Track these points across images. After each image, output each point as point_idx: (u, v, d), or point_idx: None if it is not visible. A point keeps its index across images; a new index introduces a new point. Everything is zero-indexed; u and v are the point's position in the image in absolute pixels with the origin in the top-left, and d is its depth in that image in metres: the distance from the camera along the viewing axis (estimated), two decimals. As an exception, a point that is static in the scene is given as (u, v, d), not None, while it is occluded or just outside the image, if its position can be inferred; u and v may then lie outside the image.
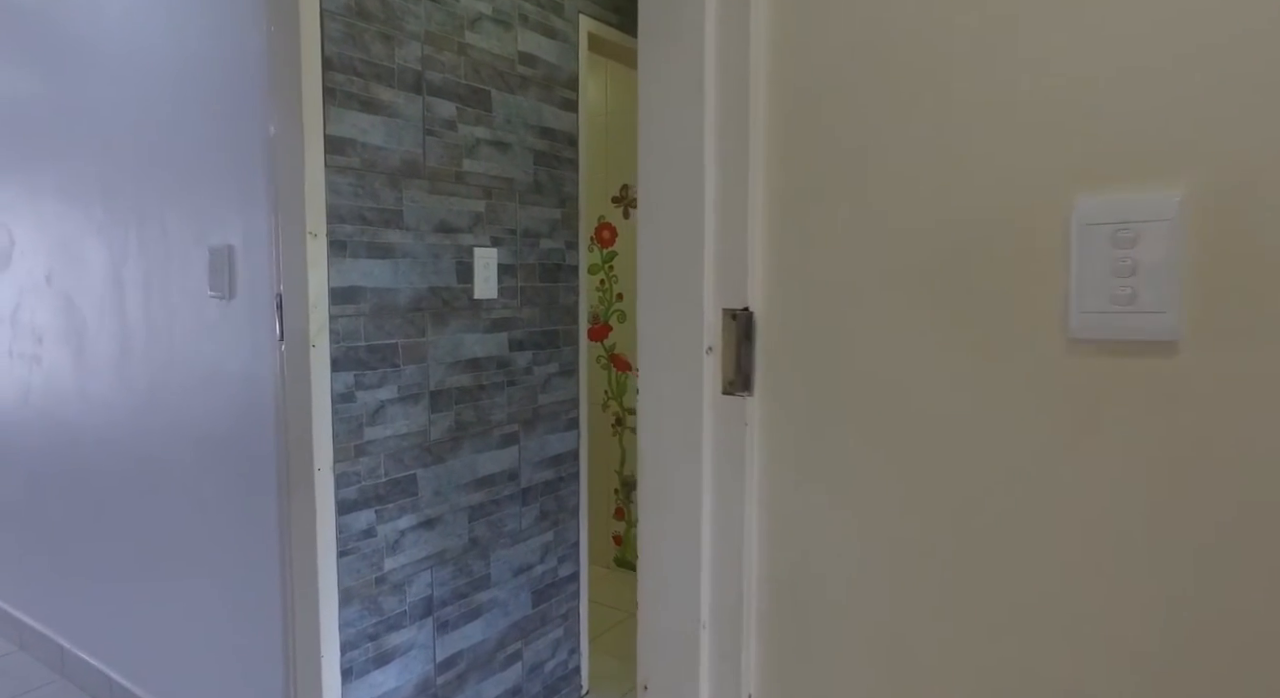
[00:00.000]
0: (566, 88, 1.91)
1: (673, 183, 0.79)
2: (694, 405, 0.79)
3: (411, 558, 1.60)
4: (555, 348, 1.93)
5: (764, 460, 0.77)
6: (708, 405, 0.78)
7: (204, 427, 1.67)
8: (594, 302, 3.08)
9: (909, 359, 0.67)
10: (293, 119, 1.34)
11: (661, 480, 0.82)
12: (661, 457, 0.81)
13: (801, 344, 0.73)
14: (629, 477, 3.05)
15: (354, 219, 1.43)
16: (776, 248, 0.75)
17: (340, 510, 1.45)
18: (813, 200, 0.72)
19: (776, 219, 0.74)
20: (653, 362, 0.81)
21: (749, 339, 0.76)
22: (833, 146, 0.70)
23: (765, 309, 0.76)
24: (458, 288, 1.65)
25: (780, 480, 0.76)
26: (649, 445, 0.82)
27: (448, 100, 1.60)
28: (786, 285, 0.74)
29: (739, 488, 0.77)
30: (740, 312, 0.76)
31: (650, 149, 0.81)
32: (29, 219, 2.18)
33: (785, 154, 0.74)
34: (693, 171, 0.77)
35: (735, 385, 0.77)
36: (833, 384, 0.71)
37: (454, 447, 1.67)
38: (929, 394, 0.66)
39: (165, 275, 1.72)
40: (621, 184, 2.99)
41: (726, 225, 0.76)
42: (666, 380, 0.80)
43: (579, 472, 2.04)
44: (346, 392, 1.44)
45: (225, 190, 1.55)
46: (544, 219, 1.86)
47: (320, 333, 1.38)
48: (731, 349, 0.77)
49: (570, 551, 2.04)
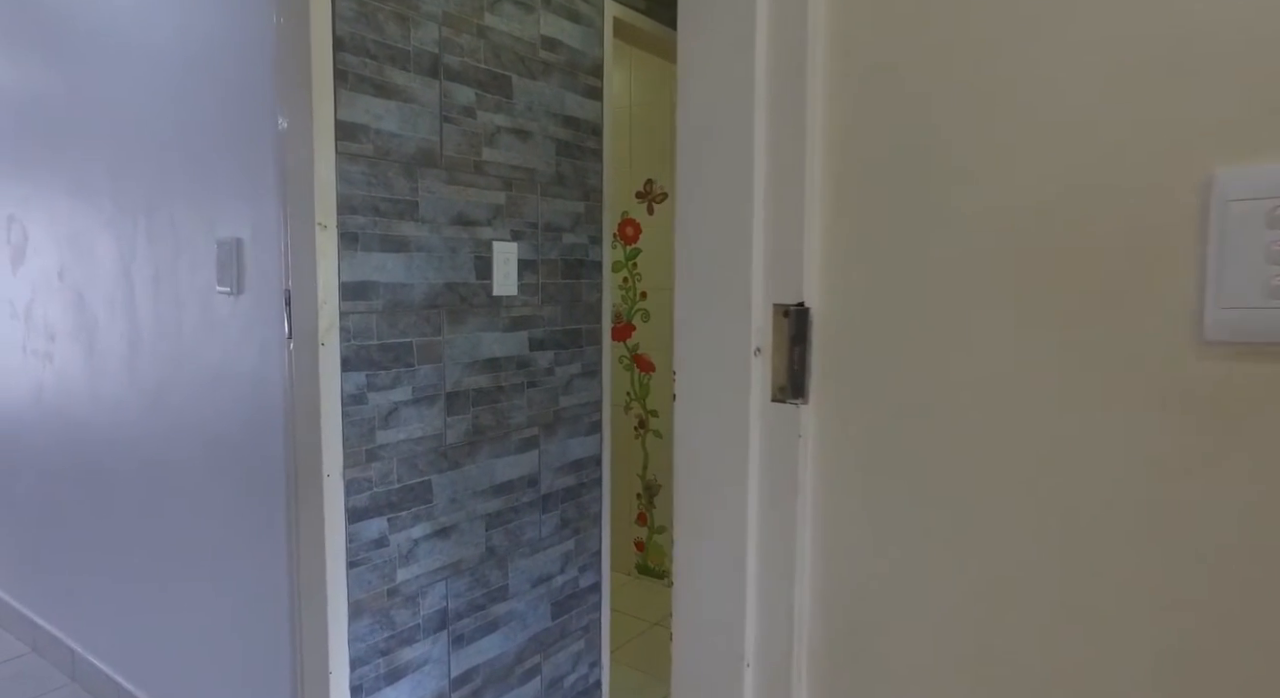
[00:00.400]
0: (591, 75, 1.82)
1: (716, 158, 0.69)
2: (739, 415, 0.69)
3: (426, 568, 1.51)
4: (578, 348, 1.84)
5: (821, 478, 0.67)
6: (755, 415, 0.69)
7: (212, 428, 1.60)
8: (617, 300, 2.99)
9: (1003, 364, 0.57)
10: (301, 102, 1.26)
11: (701, 500, 0.72)
12: (701, 473, 0.72)
13: (869, 345, 0.63)
14: (652, 481, 2.96)
15: (366, 210, 1.35)
16: (839, 234, 0.65)
17: (350, 519, 1.37)
18: (884, 178, 0.62)
19: (839, 200, 0.65)
20: (691, 365, 0.72)
21: (803, 339, 0.67)
22: (910, 112, 0.60)
23: (824, 305, 0.66)
24: (476, 284, 1.56)
25: (841, 501, 0.66)
26: (686, 461, 0.72)
27: (466, 86, 1.52)
28: (851, 278, 0.64)
29: (790, 509, 0.67)
30: (794, 308, 0.66)
31: (690, 118, 0.71)
32: (42, 214, 2.13)
33: (851, 122, 0.64)
34: (739, 144, 0.67)
35: (787, 392, 0.67)
36: (908, 392, 0.61)
37: (471, 451, 1.59)
38: (1028, 405, 0.55)
39: (174, 270, 1.66)
40: (646, 179, 2.89)
41: (779, 208, 0.66)
42: (707, 386, 0.71)
43: (601, 477, 1.95)
44: (358, 393, 1.36)
45: (234, 180, 1.48)
46: (567, 212, 1.77)
47: (330, 330, 1.31)
48: (783, 351, 0.67)
49: (592, 560, 1.95)
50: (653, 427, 2.93)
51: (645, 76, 2.88)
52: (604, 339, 1.93)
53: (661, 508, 2.95)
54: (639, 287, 2.94)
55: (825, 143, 0.65)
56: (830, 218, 0.65)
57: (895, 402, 0.62)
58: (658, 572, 2.96)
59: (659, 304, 2.89)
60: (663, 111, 2.84)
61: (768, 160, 0.67)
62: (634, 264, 2.94)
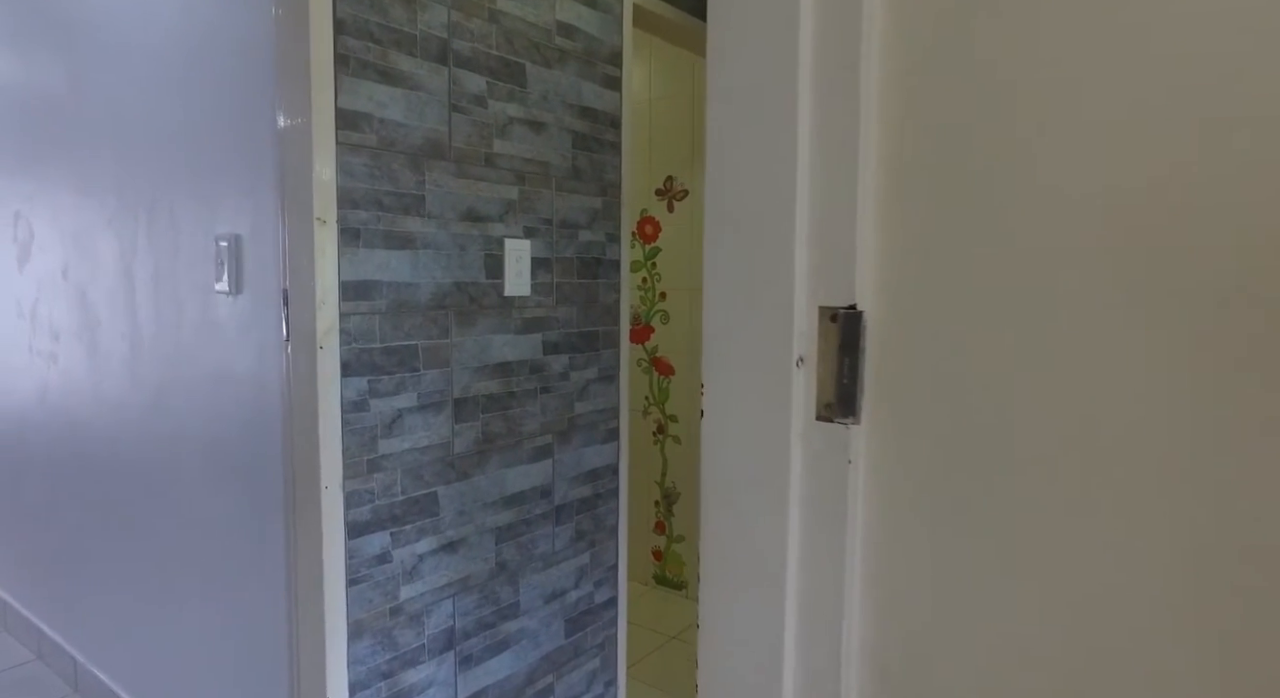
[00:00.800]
0: (609, 64, 1.73)
1: (751, 138, 0.59)
2: (777, 436, 0.59)
3: (431, 585, 1.43)
4: (594, 351, 1.75)
5: (874, 511, 0.57)
6: (796, 436, 0.59)
7: (211, 433, 1.52)
8: (635, 301, 2.90)
9: (1115, 379, 0.46)
10: (299, 89, 1.17)
11: (732, 535, 0.62)
12: (732, 503, 0.62)
13: (935, 355, 0.53)
14: (670, 488, 2.86)
15: (369, 204, 1.27)
16: (899, 223, 0.55)
17: (351, 533, 1.28)
18: (958, 151, 0.52)
19: (900, 182, 0.54)
20: (721, 377, 0.62)
21: (855, 348, 0.57)
22: (990, 67, 0.50)
23: (880, 308, 0.56)
24: (486, 283, 1.48)
25: (898, 540, 0.56)
26: (715, 488, 0.63)
27: (477, 73, 1.43)
28: (912, 275, 0.54)
29: (837, 547, 0.58)
30: (844, 311, 0.56)
31: (721, 93, 0.61)
32: (47, 210, 2.08)
33: (915, 84, 0.54)
34: (779, 120, 0.57)
35: (835, 409, 0.57)
36: (984, 410, 0.51)
37: (480, 461, 1.50)
38: (1152, 429, 0.45)
39: (173, 268, 1.59)
40: (666, 176, 2.80)
41: (827, 193, 0.57)
42: (740, 402, 0.61)
43: (619, 487, 1.86)
44: (359, 399, 1.28)
45: (234, 174, 1.40)
46: (583, 209, 1.68)
47: (329, 333, 1.22)
48: (830, 361, 0.58)
49: (608, 574, 1.86)
50: (672, 432, 2.83)
51: (666, 69, 2.78)
52: (622, 342, 1.83)
53: (680, 516, 2.85)
54: (658, 287, 2.84)
55: (882, 112, 0.55)
56: (889, 204, 0.55)
57: (967, 422, 0.52)
58: (676, 582, 2.86)
59: (679, 305, 2.79)
60: (684, 106, 2.74)
61: (813, 137, 0.57)
62: (653, 264, 2.85)
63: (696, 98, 2.71)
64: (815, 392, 0.58)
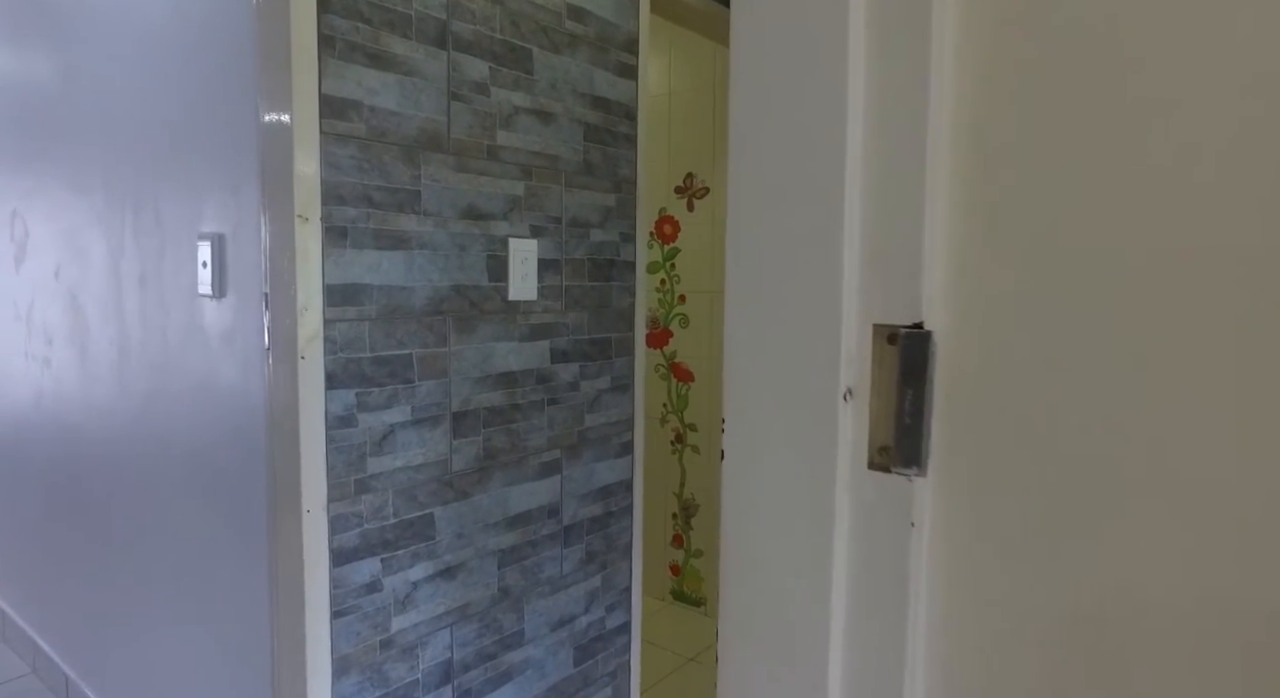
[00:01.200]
0: (624, 50, 1.61)
1: (786, 100, 0.47)
2: (818, 488, 0.47)
3: (427, 615, 1.31)
4: (606, 359, 1.62)
5: (945, 589, 0.44)
6: (843, 488, 0.46)
7: (195, 447, 1.42)
8: (653, 304, 2.77)
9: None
10: (279, 73, 1.07)
11: (757, 611, 0.50)
12: (758, 571, 0.49)
13: (1032, 391, 0.40)
14: (689, 500, 2.73)
15: (357, 201, 1.16)
16: (983, 216, 0.42)
17: (336, 561, 1.17)
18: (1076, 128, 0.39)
19: (985, 164, 0.42)
20: (746, 412, 0.50)
21: (919, 377, 0.44)
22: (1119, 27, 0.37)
23: (955, 326, 0.43)
24: (488, 287, 1.36)
25: (975, 626, 0.43)
26: (737, 552, 0.50)
27: (479, 58, 1.31)
28: (1004, 285, 0.41)
29: (895, 636, 0.45)
30: (906, 331, 0.44)
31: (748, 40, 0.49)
32: (41, 209, 2.00)
33: (1010, 41, 0.41)
34: (824, 78, 0.45)
35: (893, 456, 0.45)
36: (1102, 468, 0.38)
37: (481, 479, 1.38)
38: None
39: (159, 269, 1.49)
40: (686, 173, 2.67)
41: (885, 176, 0.44)
42: (770, 444, 0.49)
43: (633, 505, 1.74)
44: (345, 414, 1.17)
45: (219, 168, 1.30)
46: (595, 206, 1.56)
47: (312, 342, 1.11)
48: (887, 394, 0.45)
49: (621, 597, 1.74)
50: (691, 442, 2.70)
51: (687, 60, 2.66)
52: (637, 349, 1.71)
53: (699, 530, 2.72)
54: (677, 290, 2.71)
55: (960, 72, 0.42)
56: (968, 191, 0.42)
57: (1075, 481, 0.39)
58: (694, 599, 2.74)
59: (699, 309, 2.66)
60: (706, 99, 2.62)
61: (867, 103, 0.44)
62: (672, 265, 2.72)
63: (719, 90, 2.58)
64: (867, 432, 0.46)
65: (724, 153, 2.72)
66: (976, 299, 0.42)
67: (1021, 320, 0.41)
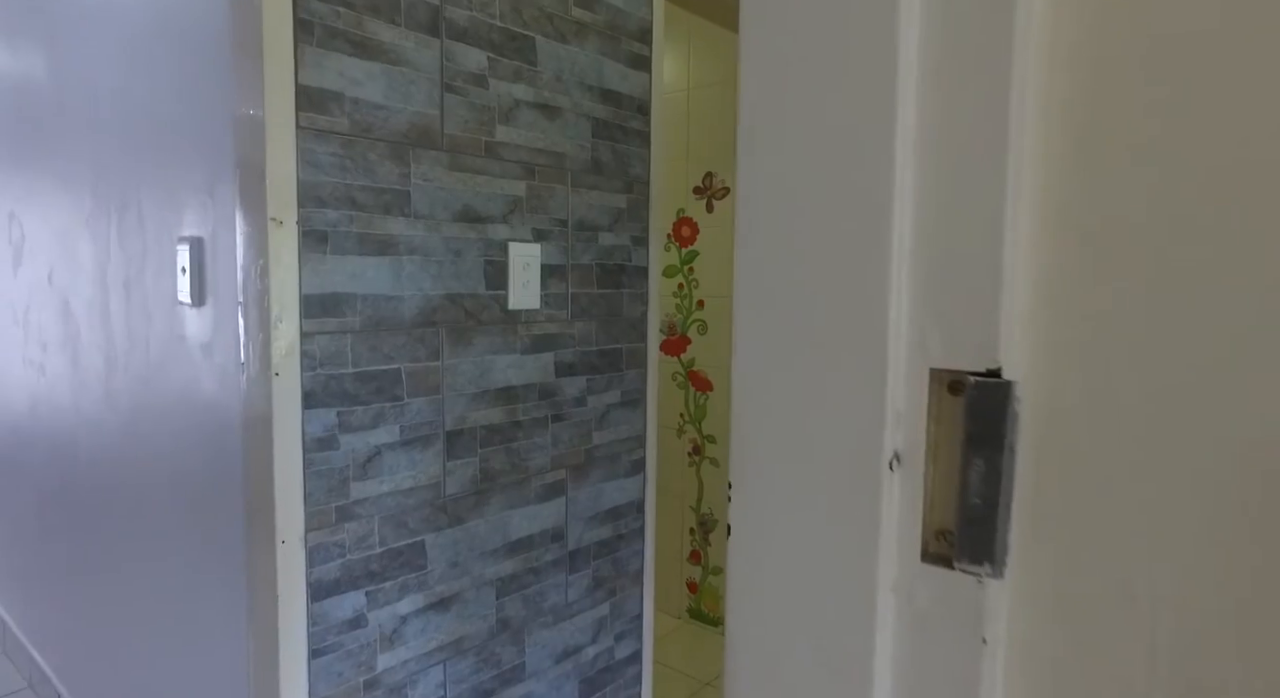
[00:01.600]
0: (637, 40, 1.49)
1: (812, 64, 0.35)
2: (854, 587, 0.35)
3: (417, 651, 1.21)
4: (617, 372, 1.51)
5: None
6: (888, 588, 0.35)
7: (177, 465, 1.34)
8: (670, 310, 2.66)
9: None
10: (250, 60, 0.97)
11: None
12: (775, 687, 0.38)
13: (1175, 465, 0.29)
14: (707, 515, 2.61)
15: (339, 202, 1.06)
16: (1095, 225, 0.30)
17: (315, 595, 1.07)
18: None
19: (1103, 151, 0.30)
20: (759, 479, 0.38)
21: (995, 440, 0.32)
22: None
23: (1049, 375, 0.31)
24: (486, 295, 1.26)
25: (1076, 797, 0.31)
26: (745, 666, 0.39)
27: (476, 47, 1.21)
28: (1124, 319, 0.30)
29: (960, 785, 0.33)
30: (979, 380, 0.32)
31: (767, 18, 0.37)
32: (36, 211, 1.94)
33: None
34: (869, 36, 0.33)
35: (957, 546, 0.33)
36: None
37: (478, 503, 1.28)
38: None
39: (141, 275, 1.41)
40: (705, 172, 2.55)
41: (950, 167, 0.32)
42: (789, 525, 0.37)
43: (644, 526, 1.62)
44: (325, 436, 1.07)
45: (197, 166, 1.21)
46: (604, 207, 1.45)
47: (287, 357, 1.01)
48: (950, 462, 0.33)
49: (631, 625, 1.63)
50: (709, 454, 2.58)
51: (706, 53, 2.54)
52: (649, 360, 1.60)
53: (717, 546, 2.60)
54: (695, 295, 2.60)
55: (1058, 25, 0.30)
56: (1068, 191, 0.31)
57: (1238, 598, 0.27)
58: (713, 619, 2.62)
59: (719, 315, 2.54)
60: (727, 94, 2.49)
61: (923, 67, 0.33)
62: (690, 269, 2.61)
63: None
64: (921, 512, 0.34)
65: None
66: (1081, 336, 0.31)
67: (1151, 366, 0.29)
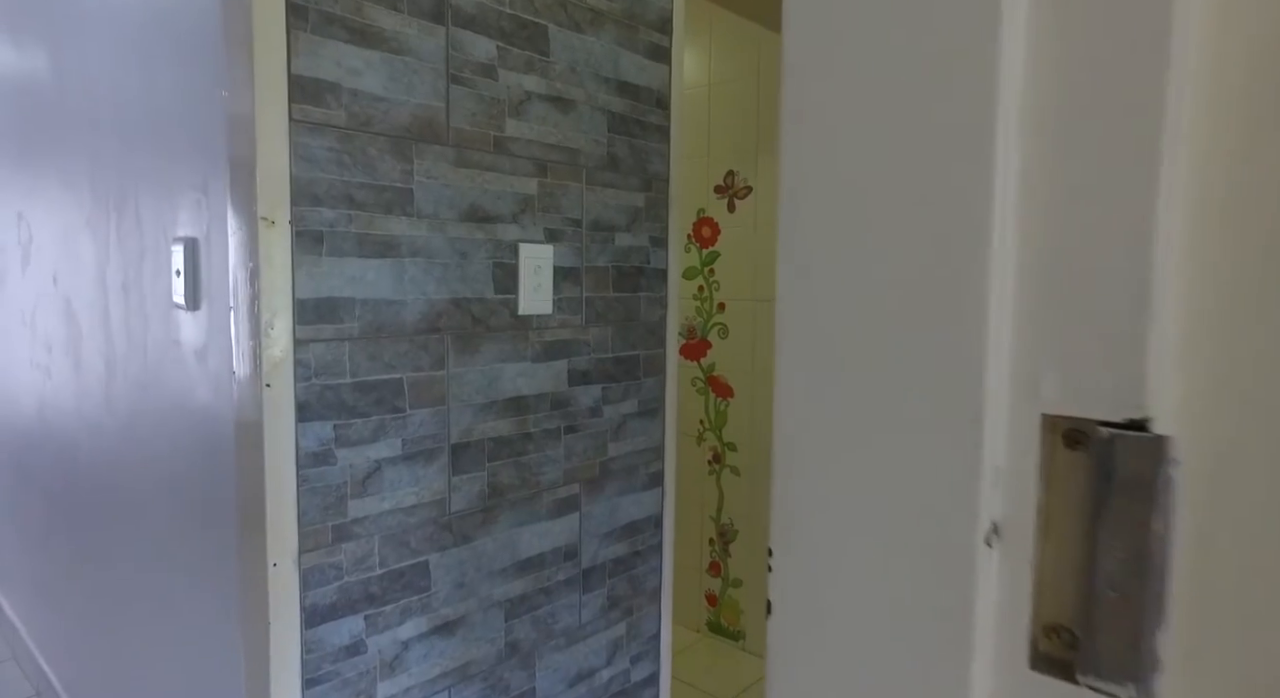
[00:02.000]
0: (656, 30, 1.41)
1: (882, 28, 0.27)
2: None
3: (420, 678, 1.14)
4: (634, 380, 1.44)
5: None
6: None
7: (174, 476, 1.28)
8: (690, 313, 2.58)
9: None
10: (240, 49, 0.90)
11: None
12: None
13: None
14: (727, 525, 2.52)
15: (336, 200, 0.99)
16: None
17: (310, 621, 1.01)
18: None
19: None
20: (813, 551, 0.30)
21: (1137, 511, 0.24)
22: None
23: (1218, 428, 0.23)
24: (495, 300, 1.18)
25: None
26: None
27: (484, 36, 1.14)
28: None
29: None
30: (1114, 433, 0.24)
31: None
32: (42, 211, 1.90)
33: None
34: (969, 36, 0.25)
35: (1081, 650, 0.25)
36: None
37: (486, 520, 1.20)
38: None
39: (139, 277, 1.35)
40: (727, 171, 2.47)
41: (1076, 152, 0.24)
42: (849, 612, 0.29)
43: (662, 542, 1.54)
44: (321, 450, 1.00)
45: (190, 163, 1.15)
46: (621, 207, 1.37)
47: (279, 366, 0.95)
48: (1067, 537, 0.25)
49: (648, 646, 1.55)
50: (729, 462, 2.50)
51: (729, 47, 2.45)
52: (669, 367, 1.52)
53: (738, 557, 2.51)
54: (716, 297, 2.51)
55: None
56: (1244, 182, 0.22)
57: None
58: (733, 633, 2.53)
59: (740, 318, 2.46)
60: (749, 90, 2.41)
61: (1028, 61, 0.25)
62: (710, 271, 2.52)
63: (764, 81, 2.37)
64: (1029, 604, 0.26)
65: (769, 150, 2.48)
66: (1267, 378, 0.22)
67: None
